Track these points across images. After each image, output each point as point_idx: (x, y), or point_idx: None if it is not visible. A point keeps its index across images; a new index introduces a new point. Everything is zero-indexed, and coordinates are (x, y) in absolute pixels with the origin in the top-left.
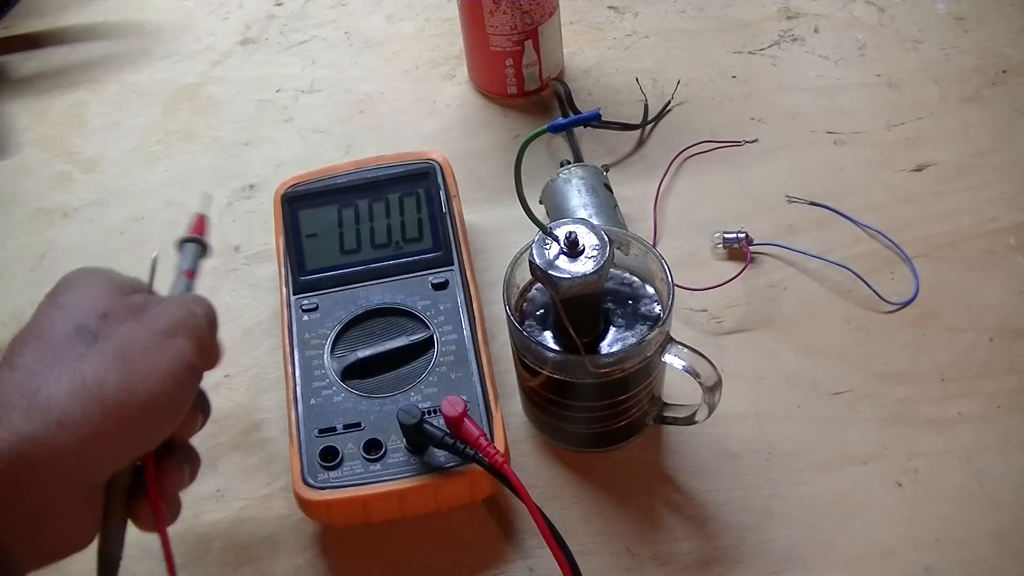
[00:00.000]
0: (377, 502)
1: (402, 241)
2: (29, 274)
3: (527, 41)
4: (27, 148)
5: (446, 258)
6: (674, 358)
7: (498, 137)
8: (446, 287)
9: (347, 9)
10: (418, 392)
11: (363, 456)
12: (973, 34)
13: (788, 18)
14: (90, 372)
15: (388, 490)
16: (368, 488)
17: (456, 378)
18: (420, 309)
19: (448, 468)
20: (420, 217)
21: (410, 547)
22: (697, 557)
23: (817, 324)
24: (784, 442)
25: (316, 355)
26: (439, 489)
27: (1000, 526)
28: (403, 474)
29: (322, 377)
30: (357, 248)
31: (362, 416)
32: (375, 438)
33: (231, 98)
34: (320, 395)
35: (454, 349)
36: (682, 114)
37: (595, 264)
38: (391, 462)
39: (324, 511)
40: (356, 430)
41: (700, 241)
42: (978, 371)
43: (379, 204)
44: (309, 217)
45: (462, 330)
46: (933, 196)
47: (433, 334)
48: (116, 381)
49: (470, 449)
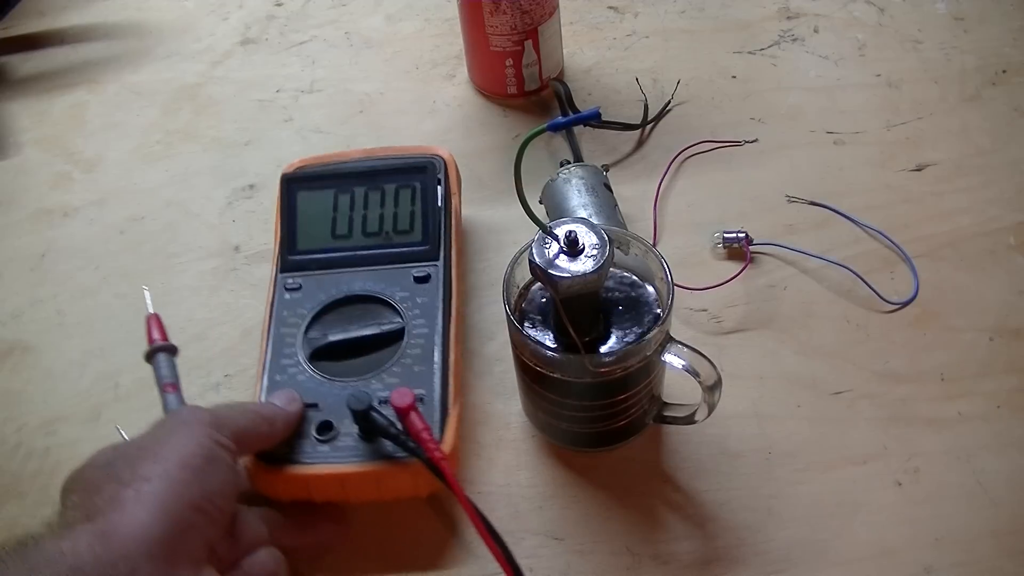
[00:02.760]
0: (319, 482)
1: (392, 232)
2: (29, 274)
3: (527, 41)
4: (27, 148)
5: (432, 253)
6: (674, 357)
7: (498, 137)
8: (428, 281)
9: (347, 9)
10: (379, 381)
11: (315, 436)
12: (973, 34)
13: (788, 18)
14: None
15: (331, 472)
16: (313, 468)
17: (419, 371)
18: (398, 300)
19: (395, 459)
20: (413, 210)
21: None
22: (697, 557)
23: (817, 324)
24: (784, 442)
25: (291, 333)
26: (381, 478)
27: (1000, 526)
28: (349, 459)
29: (291, 355)
30: (348, 234)
31: (321, 397)
32: (328, 420)
33: (231, 98)
34: (286, 372)
35: (422, 343)
36: (682, 114)
37: (595, 263)
38: (340, 445)
39: (269, 484)
40: (313, 410)
41: (700, 241)
42: (978, 371)
43: (375, 193)
44: (306, 199)
45: (435, 325)
46: (933, 196)
47: (405, 326)
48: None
49: (412, 442)
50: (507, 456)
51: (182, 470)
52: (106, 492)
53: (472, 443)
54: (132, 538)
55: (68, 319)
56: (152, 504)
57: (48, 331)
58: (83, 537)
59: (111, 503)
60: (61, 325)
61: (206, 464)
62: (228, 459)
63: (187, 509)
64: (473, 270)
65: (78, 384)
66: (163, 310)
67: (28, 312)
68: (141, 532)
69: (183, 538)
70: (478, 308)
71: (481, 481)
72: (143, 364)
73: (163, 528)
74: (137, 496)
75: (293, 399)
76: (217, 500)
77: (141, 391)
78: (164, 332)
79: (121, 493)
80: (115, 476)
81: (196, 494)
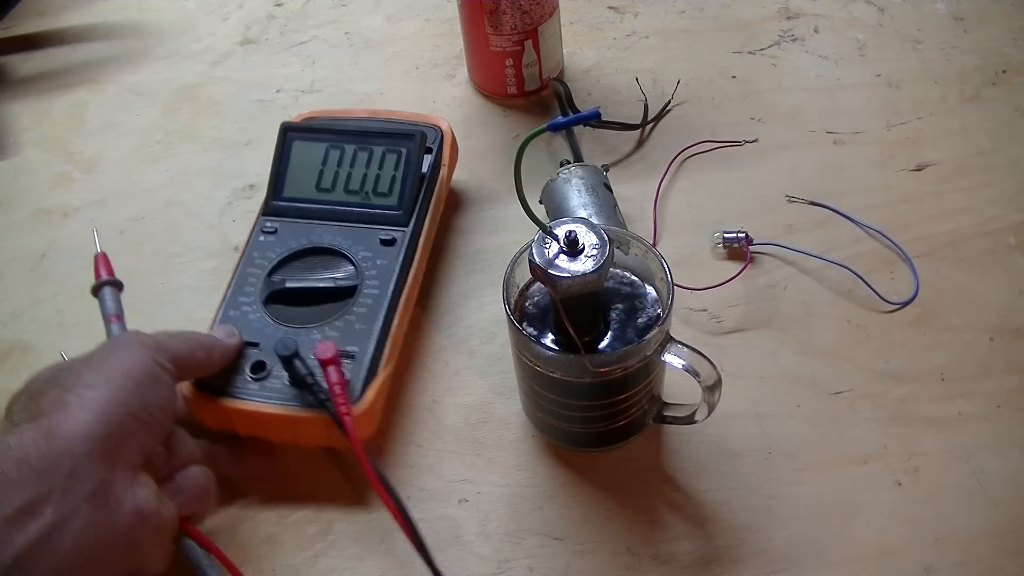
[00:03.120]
0: (242, 417)
1: (371, 193)
2: (29, 274)
3: (527, 41)
4: (27, 148)
5: (403, 219)
6: (674, 357)
7: (498, 137)
8: (392, 244)
9: (347, 9)
10: (320, 332)
11: (248, 373)
12: (973, 34)
13: (788, 18)
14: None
15: (254, 410)
16: (240, 403)
17: (359, 329)
18: (359, 259)
19: (315, 408)
20: (395, 175)
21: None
22: (697, 557)
23: (817, 324)
24: (784, 442)
25: (255, 274)
26: (298, 424)
27: (1000, 526)
28: (273, 400)
29: (250, 295)
30: (331, 188)
31: (264, 338)
32: (263, 360)
33: (231, 98)
34: (240, 309)
35: (370, 303)
36: (682, 114)
37: (595, 263)
38: (269, 386)
39: (201, 411)
40: (253, 349)
41: (700, 241)
42: (978, 371)
43: (364, 154)
44: (300, 149)
45: (387, 288)
46: (933, 196)
47: (358, 284)
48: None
49: (323, 395)
50: (507, 456)
51: (124, 380)
52: (50, 396)
53: (472, 443)
54: (74, 437)
55: (68, 319)
56: (94, 408)
57: (48, 331)
58: (28, 433)
59: (55, 405)
60: (61, 325)
61: (147, 379)
62: (167, 379)
63: (127, 416)
64: (473, 270)
65: None
66: (163, 310)
67: (28, 312)
68: (83, 432)
69: (122, 443)
70: (478, 308)
71: (481, 481)
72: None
73: (104, 430)
74: (80, 401)
75: (232, 333)
76: (156, 412)
77: None
78: (111, 269)
79: (65, 397)
80: (59, 383)
81: (136, 403)
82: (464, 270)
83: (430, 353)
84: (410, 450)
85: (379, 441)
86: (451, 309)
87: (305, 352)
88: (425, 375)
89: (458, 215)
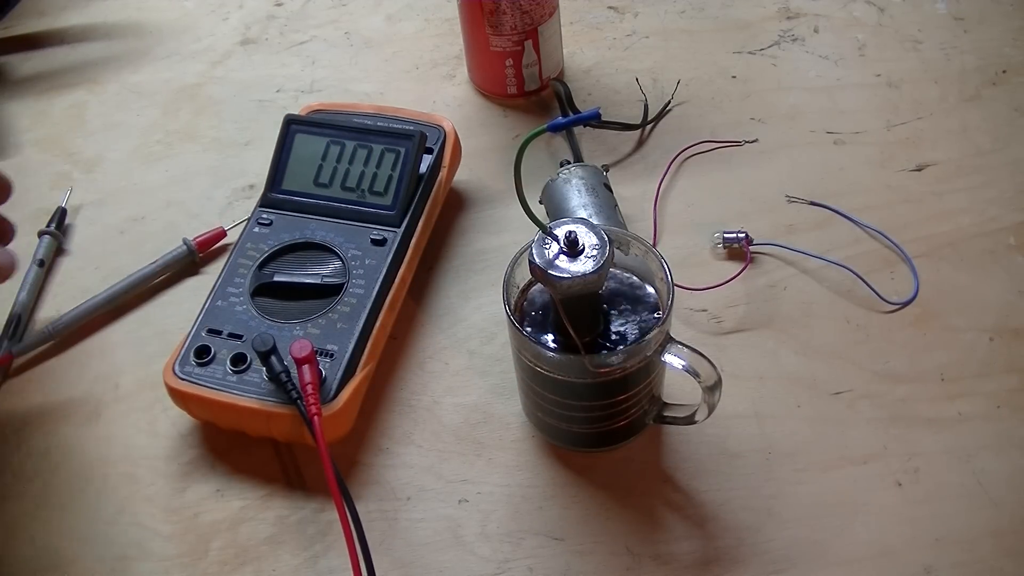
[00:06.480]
0: (219, 408)
1: (367, 191)
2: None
3: (527, 41)
4: (27, 148)
5: (395, 219)
6: (674, 358)
7: (498, 137)
8: (382, 245)
9: (347, 9)
10: (303, 328)
11: (229, 365)
12: (973, 34)
13: (788, 18)
14: None
15: (229, 401)
16: (217, 394)
17: (340, 328)
18: (349, 257)
19: (289, 405)
20: (392, 174)
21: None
22: (697, 557)
23: (817, 324)
24: (784, 442)
25: (245, 264)
26: (271, 419)
27: (1000, 526)
28: (249, 393)
29: (238, 285)
30: (328, 184)
31: (249, 331)
32: (243, 353)
33: (231, 98)
34: (228, 300)
35: (354, 303)
36: (682, 114)
37: (595, 264)
38: (247, 379)
39: (180, 399)
40: (235, 340)
41: (700, 241)
42: (978, 371)
43: (363, 151)
44: (302, 142)
45: (372, 288)
46: (933, 196)
47: (345, 283)
48: None
49: (295, 392)
50: (507, 456)
51: None
52: None
53: (472, 443)
54: None
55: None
56: None
57: None
58: None
59: None
60: None
61: None
62: None
63: None
64: (473, 270)
65: (78, 384)
66: (163, 310)
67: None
68: None
69: None
70: (478, 308)
71: (481, 481)
72: (143, 365)
73: None
74: None
75: (11, 259)
76: None
77: (141, 391)
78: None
79: None
80: None
81: None
82: (464, 270)
83: (430, 353)
84: (410, 450)
85: (379, 441)
86: (451, 309)
87: (285, 348)
88: (425, 375)
89: (458, 215)
